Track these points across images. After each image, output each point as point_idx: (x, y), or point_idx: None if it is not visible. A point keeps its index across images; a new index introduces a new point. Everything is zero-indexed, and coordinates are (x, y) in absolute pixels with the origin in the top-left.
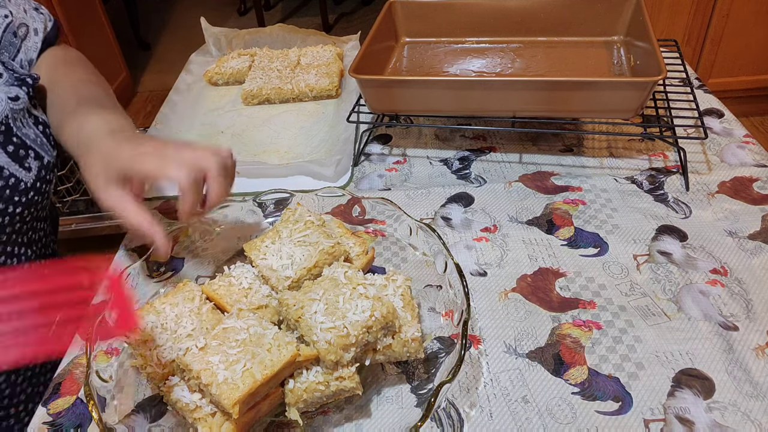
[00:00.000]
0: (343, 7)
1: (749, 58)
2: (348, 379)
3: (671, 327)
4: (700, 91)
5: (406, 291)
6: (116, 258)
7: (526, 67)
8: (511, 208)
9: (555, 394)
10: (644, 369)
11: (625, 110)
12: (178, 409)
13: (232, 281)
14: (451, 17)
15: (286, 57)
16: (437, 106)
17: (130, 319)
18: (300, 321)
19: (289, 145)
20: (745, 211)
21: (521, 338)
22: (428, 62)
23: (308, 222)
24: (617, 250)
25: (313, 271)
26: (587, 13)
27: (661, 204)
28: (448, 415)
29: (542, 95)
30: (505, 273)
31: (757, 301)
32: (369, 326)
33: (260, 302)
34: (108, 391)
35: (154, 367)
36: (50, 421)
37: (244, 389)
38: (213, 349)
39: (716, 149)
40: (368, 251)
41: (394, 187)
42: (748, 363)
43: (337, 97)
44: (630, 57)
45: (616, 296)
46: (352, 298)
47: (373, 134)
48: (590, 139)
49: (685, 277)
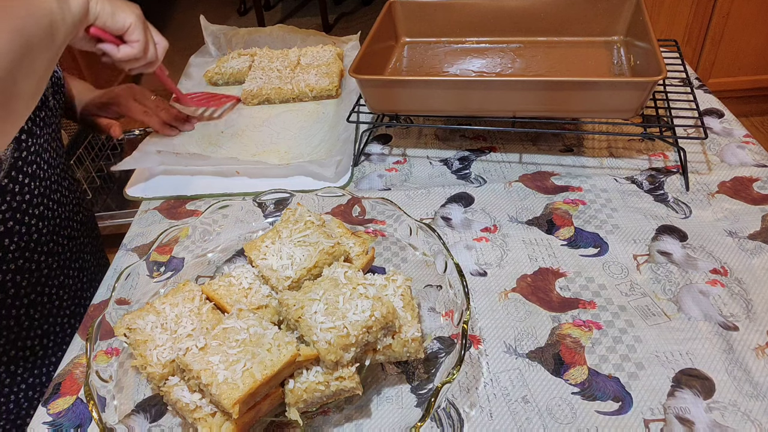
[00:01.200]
0: (343, 7)
1: (749, 58)
2: (348, 379)
3: (671, 327)
4: (700, 91)
5: (406, 291)
6: (116, 258)
7: (526, 67)
8: (511, 208)
9: (555, 394)
10: (644, 369)
11: (625, 110)
12: (178, 409)
13: (232, 281)
14: (451, 17)
15: (286, 57)
16: (437, 106)
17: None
18: (300, 321)
19: (289, 145)
20: (745, 211)
21: (521, 338)
22: (428, 62)
23: (308, 222)
24: (617, 250)
25: (313, 271)
26: (587, 13)
27: (661, 204)
28: (448, 415)
29: (542, 95)
30: (505, 273)
31: (757, 301)
32: (369, 326)
33: (260, 302)
34: (108, 391)
35: (154, 367)
36: (50, 421)
37: (244, 389)
38: (213, 349)
39: (716, 149)
40: (368, 251)
41: (394, 187)
42: (748, 363)
43: (337, 97)
44: (630, 57)
45: (616, 296)
46: (352, 298)
47: (373, 134)
48: (590, 139)
49: (685, 277)
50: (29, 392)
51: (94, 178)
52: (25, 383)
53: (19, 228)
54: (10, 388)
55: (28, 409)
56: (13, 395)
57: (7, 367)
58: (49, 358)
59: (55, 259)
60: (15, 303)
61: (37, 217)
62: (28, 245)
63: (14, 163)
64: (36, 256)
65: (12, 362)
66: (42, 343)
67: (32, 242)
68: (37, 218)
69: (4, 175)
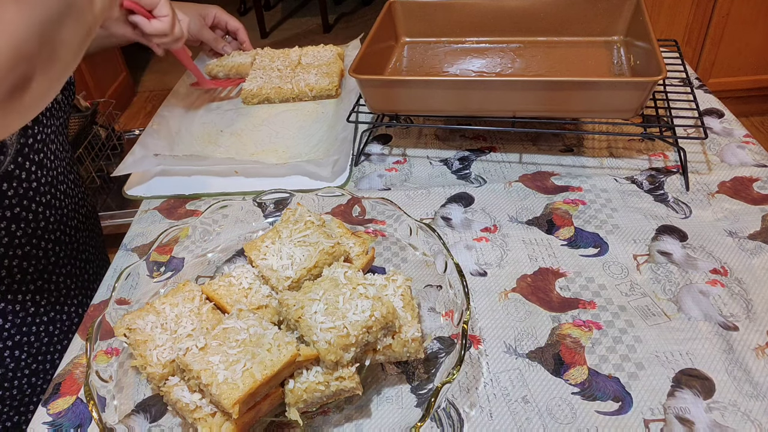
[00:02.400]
0: (343, 7)
1: (749, 58)
2: (348, 379)
3: (671, 327)
4: (700, 91)
5: (406, 291)
6: (116, 258)
7: (526, 67)
8: (511, 208)
9: (555, 394)
10: (644, 369)
11: (625, 110)
12: (178, 409)
13: (232, 281)
14: (451, 17)
15: (287, 56)
16: (437, 106)
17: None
18: (300, 321)
19: (287, 145)
20: (745, 211)
21: (521, 338)
22: (428, 62)
23: (308, 222)
24: (617, 250)
25: (314, 271)
26: (587, 13)
27: (661, 204)
28: (448, 415)
29: (542, 95)
30: (505, 273)
31: (757, 301)
32: (369, 326)
33: (260, 302)
34: (108, 391)
35: (154, 367)
36: (50, 421)
37: (244, 389)
38: (213, 349)
39: (716, 149)
40: (368, 251)
41: (394, 187)
42: (748, 363)
43: (336, 97)
44: (630, 57)
45: (616, 296)
46: (352, 298)
47: (373, 134)
48: (590, 139)
49: (685, 277)
50: (29, 392)
51: (95, 178)
52: (24, 383)
53: (26, 215)
54: (11, 383)
55: (28, 409)
56: (13, 395)
57: (12, 352)
58: (54, 345)
59: (62, 248)
60: (21, 288)
61: (45, 205)
62: (35, 232)
63: (21, 149)
64: (43, 243)
65: (17, 347)
66: (48, 330)
67: (39, 229)
68: (44, 206)
69: (11, 160)
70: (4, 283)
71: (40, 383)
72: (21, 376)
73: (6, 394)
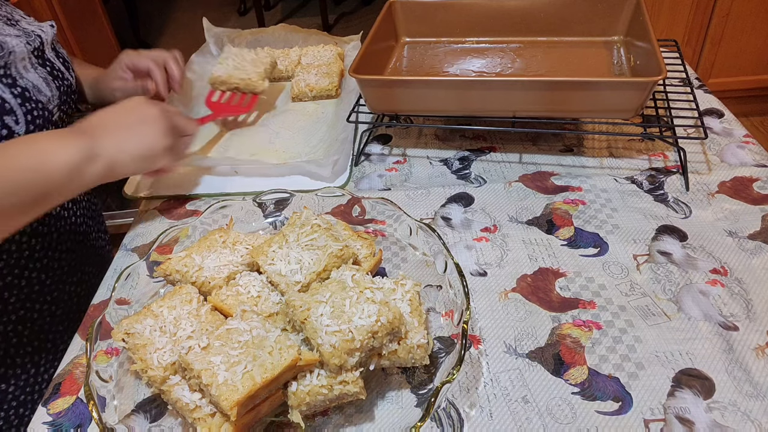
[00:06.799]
0: (343, 7)
1: (749, 58)
2: (351, 383)
3: (671, 327)
4: (700, 91)
5: (414, 296)
6: (116, 258)
7: (526, 67)
8: (511, 208)
9: (555, 394)
10: (644, 369)
11: (625, 110)
12: (178, 409)
13: (240, 290)
14: (451, 17)
15: (287, 56)
16: (437, 106)
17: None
18: (306, 323)
19: (287, 145)
20: (745, 211)
21: (521, 338)
22: (428, 62)
23: (315, 225)
24: (617, 250)
25: (323, 275)
26: (587, 13)
27: (661, 204)
28: (448, 415)
29: (542, 95)
30: (505, 273)
31: (757, 301)
32: (374, 331)
33: (270, 310)
34: (108, 391)
35: (155, 370)
36: (50, 421)
37: (243, 392)
38: (215, 349)
39: (716, 149)
40: (375, 253)
41: (394, 187)
42: (748, 363)
43: (336, 97)
44: (630, 57)
45: (616, 296)
46: (359, 302)
47: (373, 134)
48: (590, 139)
49: (685, 277)
50: (29, 392)
51: None
52: (24, 383)
53: (8, 246)
54: (11, 388)
55: (27, 409)
56: (13, 395)
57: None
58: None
59: (49, 275)
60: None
61: (29, 234)
62: (18, 262)
63: None
64: (27, 272)
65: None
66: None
67: (23, 259)
68: (28, 236)
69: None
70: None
71: (31, 407)
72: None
73: (3, 406)
